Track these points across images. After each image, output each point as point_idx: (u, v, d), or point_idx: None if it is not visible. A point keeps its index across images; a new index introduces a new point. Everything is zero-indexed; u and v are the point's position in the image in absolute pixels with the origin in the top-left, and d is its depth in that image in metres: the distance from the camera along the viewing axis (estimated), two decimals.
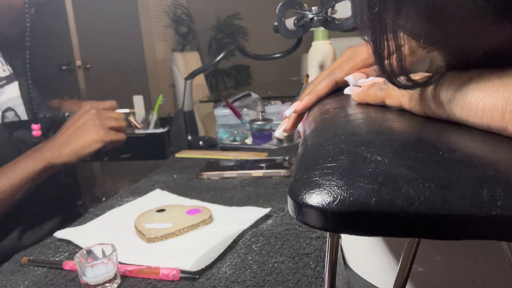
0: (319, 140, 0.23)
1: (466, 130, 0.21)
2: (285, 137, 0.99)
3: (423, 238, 0.16)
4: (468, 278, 0.29)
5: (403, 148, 0.19)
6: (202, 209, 0.58)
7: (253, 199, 0.64)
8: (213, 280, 0.42)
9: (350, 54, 0.43)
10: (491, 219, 0.15)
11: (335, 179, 0.17)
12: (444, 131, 0.21)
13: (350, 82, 0.40)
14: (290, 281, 0.41)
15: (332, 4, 0.66)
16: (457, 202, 0.15)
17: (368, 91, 0.33)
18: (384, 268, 0.33)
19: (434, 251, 0.30)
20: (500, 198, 0.15)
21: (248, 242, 0.50)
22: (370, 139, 0.20)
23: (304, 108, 0.42)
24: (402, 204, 0.16)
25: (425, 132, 0.21)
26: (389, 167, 0.17)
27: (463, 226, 0.15)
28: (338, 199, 0.16)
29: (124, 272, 0.44)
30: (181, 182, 0.76)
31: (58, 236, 0.54)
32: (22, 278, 0.46)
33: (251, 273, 0.43)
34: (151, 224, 0.54)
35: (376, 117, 0.26)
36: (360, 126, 0.24)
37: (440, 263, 0.30)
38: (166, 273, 0.43)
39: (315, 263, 0.44)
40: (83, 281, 0.41)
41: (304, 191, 0.18)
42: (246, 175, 0.75)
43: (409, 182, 0.16)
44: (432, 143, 0.19)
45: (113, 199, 0.69)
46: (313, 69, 0.88)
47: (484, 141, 0.19)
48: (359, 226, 0.16)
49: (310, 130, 0.28)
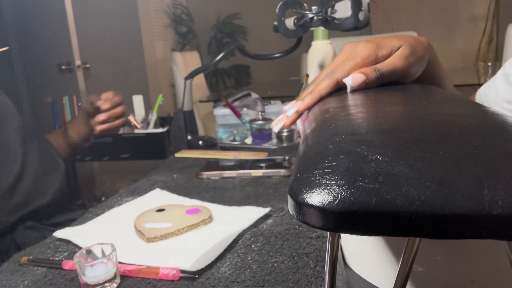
0: (320, 139, 0.23)
1: (466, 129, 0.21)
2: (285, 137, 0.99)
3: (424, 237, 0.16)
4: (468, 278, 0.29)
5: (404, 147, 0.19)
6: (201, 208, 0.58)
7: (253, 198, 0.64)
8: (213, 280, 0.42)
9: (350, 52, 0.43)
10: (492, 219, 0.15)
11: (335, 178, 0.17)
12: (444, 130, 0.21)
13: (348, 84, 0.40)
14: (290, 281, 0.41)
15: (332, 3, 0.66)
16: (458, 202, 0.15)
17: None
18: (384, 268, 0.33)
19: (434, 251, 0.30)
20: (501, 198, 0.15)
21: (248, 242, 0.50)
22: (370, 138, 0.20)
23: (306, 107, 0.42)
24: (402, 204, 0.16)
25: (426, 131, 0.21)
26: (389, 167, 0.17)
27: (464, 226, 0.15)
28: (339, 198, 0.16)
29: (124, 272, 0.44)
30: (180, 182, 0.76)
31: (58, 235, 0.54)
32: (21, 278, 0.46)
33: (251, 273, 0.43)
34: (150, 224, 0.53)
35: (376, 116, 0.26)
36: (361, 125, 0.24)
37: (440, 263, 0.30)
38: (166, 273, 0.43)
39: (315, 263, 0.44)
40: (82, 281, 0.41)
41: (304, 190, 0.18)
42: (246, 175, 0.75)
43: (410, 181, 0.16)
44: (433, 143, 0.19)
45: (113, 199, 0.69)
46: (313, 68, 0.88)
47: (485, 140, 0.19)
48: (360, 226, 0.16)
49: (310, 130, 0.28)
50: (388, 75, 0.40)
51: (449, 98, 0.31)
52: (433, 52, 0.47)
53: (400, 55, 0.41)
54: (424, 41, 0.45)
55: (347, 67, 0.41)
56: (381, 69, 0.40)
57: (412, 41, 0.43)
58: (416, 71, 0.44)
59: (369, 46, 0.42)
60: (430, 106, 0.28)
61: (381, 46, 0.42)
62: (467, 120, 0.23)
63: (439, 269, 0.30)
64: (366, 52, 0.41)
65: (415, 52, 0.42)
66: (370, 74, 0.40)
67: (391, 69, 0.40)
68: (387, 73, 0.40)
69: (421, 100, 0.32)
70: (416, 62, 0.42)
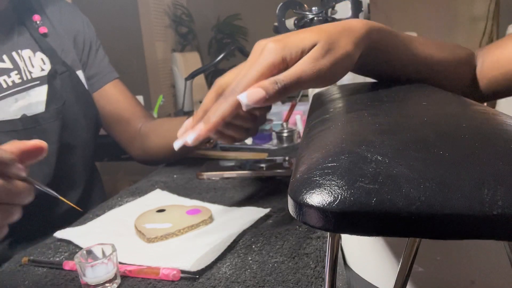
0: (320, 140, 0.23)
1: (466, 129, 0.21)
2: (285, 138, 0.99)
3: (424, 238, 0.16)
4: (467, 278, 0.29)
5: (404, 147, 0.19)
6: (202, 209, 0.58)
7: (253, 199, 0.64)
8: (213, 280, 0.42)
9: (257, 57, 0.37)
10: (491, 219, 0.15)
11: (335, 179, 0.17)
12: (444, 130, 0.21)
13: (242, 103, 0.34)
14: (290, 281, 0.41)
15: (332, 4, 0.66)
16: (457, 202, 0.15)
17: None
18: (384, 268, 0.33)
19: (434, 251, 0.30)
20: (501, 198, 0.15)
21: (248, 242, 0.50)
22: (370, 138, 0.20)
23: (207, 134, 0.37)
24: (402, 204, 0.16)
25: (426, 131, 0.21)
26: (389, 167, 0.17)
27: (464, 226, 0.15)
28: (339, 199, 0.16)
29: (124, 272, 0.44)
30: (181, 182, 0.76)
31: (58, 236, 0.54)
32: (22, 278, 0.46)
33: (251, 273, 0.43)
34: (151, 224, 0.54)
35: (376, 116, 0.26)
36: (361, 125, 0.24)
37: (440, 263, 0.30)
38: (166, 273, 0.43)
39: (315, 263, 0.44)
40: (83, 281, 0.41)
41: (304, 191, 0.18)
42: (246, 176, 0.75)
43: (410, 182, 0.16)
44: (433, 143, 0.19)
45: (113, 199, 0.69)
46: None
47: (485, 140, 0.19)
48: (360, 226, 0.16)
49: (310, 130, 0.28)
50: (293, 85, 0.35)
51: (449, 98, 0.31)
52: (382, 33, 0.39)
53: (310, 58, 0.35)
54: (356, 26, 0.37)
55: (248, 79, 0.36)
56: (283, 81, 0.35)
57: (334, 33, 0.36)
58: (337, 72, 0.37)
59: (275, 49, 0.36)
60: (430, 107, 0.28)
61: (289, 47, 0.35)
62: (467, 120, 0.23)
63: (439, 269, 0.30)
64: (271, 57, 0.35)
65: (333, 49, 0.35)
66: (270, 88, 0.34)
67: (295, 78, 0.35)
68: (290, 84, 0.35)
69: (421, 100, 0.32)
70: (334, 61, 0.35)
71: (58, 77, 0.75)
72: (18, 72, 0.71)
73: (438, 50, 0.47)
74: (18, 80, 0.70)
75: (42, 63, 0.75)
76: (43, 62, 0.75)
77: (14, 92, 0.69)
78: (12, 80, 0.70)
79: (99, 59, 0.86)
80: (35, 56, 0.74)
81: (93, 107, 0.82)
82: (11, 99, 0.69)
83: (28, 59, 0.73)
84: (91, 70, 0.83)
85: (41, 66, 0.74)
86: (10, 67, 0.70)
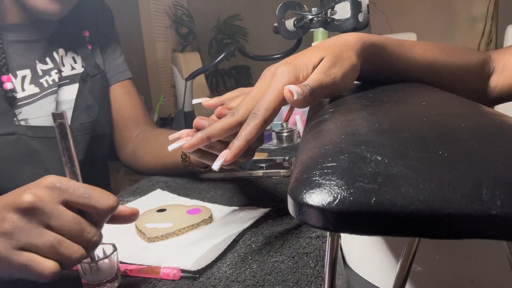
0: (319, 140, 0.23)
1: (465, 129, 0.21)
2: (285, 138, 0.99)
3: (423, 237, 0.16)
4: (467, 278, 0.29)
5: (403, 147, 0.19)
6: (202, 209, 0.58)
7: (253, 199, 0.64)
8: (213, 280, 0.42)
9: (270, 81, 0.38)
10: (490, 218, 0.15)
11: (335, 178, 0.17)
12: (443, 130, 0.21)
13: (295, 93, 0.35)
14: (290, 281, 0.41)
15: (332, 5, 0.66)
16: (457, 202, 0.15)
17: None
18: (384, 267, 0.34)
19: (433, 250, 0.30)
20: (500, 197, 0.15)
21: (248, 241, 0.50)
22: (370, 138, 0.20)
23: (234, 158, 0.38)
24: (402, 204, 0.16)
25: (425, 131, 0.21)
26: (389, 167, 0.17)
27: (463, 226, 0.15)
28: (338, 198, 0.17)
29: (125, 272, 0.45)
30: (181, 182, 0.76)
31: None
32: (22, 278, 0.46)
33: (251, 273, 0.43)
34: (151, 224, 0.54)
35: (376, 116, 0.26)
36: (360, 126, 0.24)
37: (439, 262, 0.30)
38: (167, 273, 0.43)
39: (314, 263, 0.44)
40: (84, 281, 0.42)
41: (304, 190, 0.18)
42: (246, 175, 0.75)
43: (409, 181, 0.16)
44: (432, 143, 0.19)
45: None
46: None
47: (484, 140, 0.19)
48: (359, 226, 0.16)
49: (309, 130, 0.28)
50: (317, 90, 0.37)
51: (449, 98, 0.31)
52: (376, 44, 0.42)
53: (322, 68, 0.37)
54: (351, 40, 0.40)
55: (268, 100, 0.37)
56: (309, 85, 0.36)
57: (336, 48, 0.39)
58: (347, 81, 0.39)
59: (288, 70, 0.38)
60: (429, 106, 0.29)
61: (300, 66, 0.38)
62: (466, 120, 0.23)
63: (438, 269, 0.30)
64: (286, 78, 0.37)
65: (339, 61, 0.38)
66: (303, 89, 0.36)
67: (318, 83, 0.37)
68: (315, 88, 0.36)
69: (421, 100, 0.32)
70: (344, 72, 0.38)
71: (89, 80, 0.77)
72: (58, 72, 0.73)
73: (443, 55, 0.48)
74: (57, 79, 0.73)
75: (73, 61, 0.77)
76: (74, 61, 0.77)
77: (53, 92, 0.72)
78: (52, 79, 0.72)
79: (113, 56, 0.87)
80: (67, 56, 0.76)
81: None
82: (51, 97, 0.72)
83: (60, 58, 0.75)
84: (104, 66, 0.85)
85: (72, 65, 0.77)
86: (51, 67, 0.73)
